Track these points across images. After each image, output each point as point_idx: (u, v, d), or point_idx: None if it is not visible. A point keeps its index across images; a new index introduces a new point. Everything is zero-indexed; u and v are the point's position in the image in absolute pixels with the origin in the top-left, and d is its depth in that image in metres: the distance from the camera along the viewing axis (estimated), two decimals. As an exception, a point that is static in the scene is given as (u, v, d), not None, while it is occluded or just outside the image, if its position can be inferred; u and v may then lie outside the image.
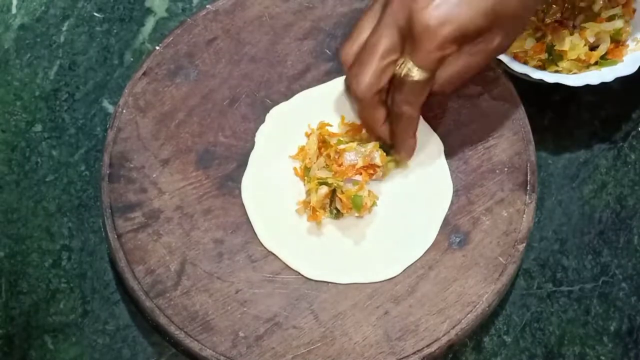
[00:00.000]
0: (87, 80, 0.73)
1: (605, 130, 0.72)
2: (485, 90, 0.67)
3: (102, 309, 0.65)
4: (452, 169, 0.65)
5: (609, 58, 0.70)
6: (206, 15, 0.70)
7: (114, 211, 0.62)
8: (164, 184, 0.64)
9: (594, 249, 0.68)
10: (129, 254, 0.61)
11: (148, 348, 0.64)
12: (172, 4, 0.76)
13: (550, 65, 0.70)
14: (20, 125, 0.71)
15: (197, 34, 0.69)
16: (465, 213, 0.63)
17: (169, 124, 0.66)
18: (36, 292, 0.66)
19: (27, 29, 0.75)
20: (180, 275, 0.61)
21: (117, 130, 0.65)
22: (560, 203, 0.70)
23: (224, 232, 0.63)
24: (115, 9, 0.76)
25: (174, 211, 0.63)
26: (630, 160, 0.71)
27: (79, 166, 0.70)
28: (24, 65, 0.73)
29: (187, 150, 0.65)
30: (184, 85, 0.67)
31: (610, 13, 0.71)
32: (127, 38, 0.75)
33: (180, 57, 0.68)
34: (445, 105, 0.67)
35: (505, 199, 0.64)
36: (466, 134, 0.66)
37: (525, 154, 0.65)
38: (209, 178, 0.64)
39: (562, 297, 0.67)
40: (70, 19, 0.75)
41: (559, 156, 0.71)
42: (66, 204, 0.68)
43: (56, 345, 0.64)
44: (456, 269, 0.61)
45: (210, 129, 0.66)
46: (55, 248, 0.67)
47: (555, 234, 0.69)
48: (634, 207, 0.70)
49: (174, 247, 0.62)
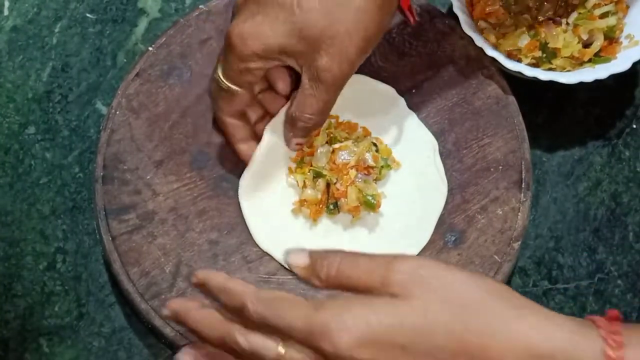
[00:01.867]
0: (80, 81, 0.73)
1: (600, 128, 0.73)
2: (479, 89, 0.67)
3: (97, 311, 0.65)
4: (446, 168, 0.65)
5: (602, 55, 0.70)
6: (199, 16, 0.69)
7: (108, 213, 0.62)
8: (158, 185, 0.64)
9: (589, 246, 0.68)
10: (123, 256, 0.61)
11: (144, 350, 0.64)
12: (165, 4, 0.76)
13: (544, 62, 0.70)
14: (13, 128, 0.71)
15: (190, 35, 0.69)
16: (460, 212, 0.63)
17: (162, 125, 0.66)
18: (31, 295, 0.65)
19: (19, 31, 0.74)
20: (175, 276, 0.61)
21: (111, 132, 0.65)
22: (555, 201, 0.70)
23: (219, 233, 0.62)
24: (107, 10, 0.76)
25: (169, 213, 0.63)
26: (625, 157, 0.71)
27: (72, 168, 0.70)
28: (17, 67, 0.73)
29: (181, 151, 0.65)
30: (177, 86, 0.67)
31: (603, 10, 0.71)
32: (119, 39, 0.75)
33: (173, 58, 0.68)
34: (438, 104, 0.67)
35: (500, 197, 0.64)
36: (460, 133, 0.66)
37: (520, 151, 0.65)
38: (203, 179, 0.64)
39: (558, 294, 0.67)
40: (63, 21, 0.75)
41: (553, 154, 0.71)
42: (60, 206, 0.68)
43: (51, 348, 0.64)
44: (452, 267, 0.61)
45: (204, 129, 0.66)
46: (49, 250, 0.67)
47: (550, 232, 0.69)
48: (628, 204, 0.70)
49: (168, 248, 0.62)
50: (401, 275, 0.44)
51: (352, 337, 0.43)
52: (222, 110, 0.62)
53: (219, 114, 0.63)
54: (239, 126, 0.63)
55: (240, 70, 0.59)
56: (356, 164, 0.61)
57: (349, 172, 0.61)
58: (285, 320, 0.45)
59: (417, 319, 0.43)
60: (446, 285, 0.44)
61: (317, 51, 0.57)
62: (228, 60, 0.59)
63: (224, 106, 0.62)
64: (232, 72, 0.59)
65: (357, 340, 0.43)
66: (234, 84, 0.60)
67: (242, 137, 0.63)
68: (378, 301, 0.44)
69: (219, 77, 0.60)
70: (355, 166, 0.61)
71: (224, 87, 0.60)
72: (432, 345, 0.43)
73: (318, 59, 0.57)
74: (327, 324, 0.43)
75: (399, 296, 0.44)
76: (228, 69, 0.59)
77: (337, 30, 0.56)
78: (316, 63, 0.57)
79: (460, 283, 0.45)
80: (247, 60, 0.58)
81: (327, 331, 0.43)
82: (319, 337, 0.43)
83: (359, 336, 0.43)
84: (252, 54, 0.57)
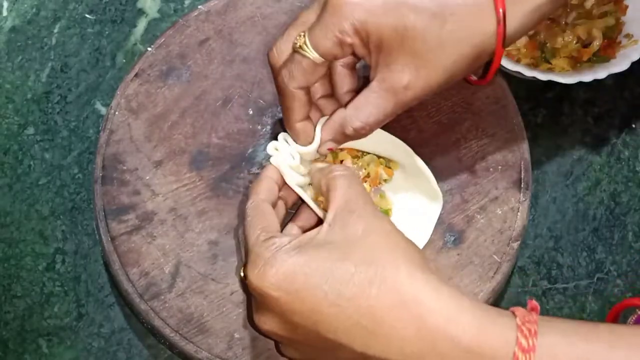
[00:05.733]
0: (79, 82, 0.73)
1: (599, 127, 0.73)
2: (478, 89, 0.67)
3: (96, 312, 0.65)
4: (445, 168, 0.65)
5: (601, 55, 0.70)
6: (198, 16, 0.69)
7: (107, 214, 0.62)
8: (157, 185, 0.64)
9: (588, 246, 0.68)
10: (122, 256, 0.61)
11: (143, 351, 0.64)
12: (164, 4, 0.76)
13: (543, 63, 0.70)
14: (13, 129, 0.71)
15: (189, 35, 0.69)
16: (459, 212, 0.63)
17: (161, 126, 0.66)
18: (30, 295, 0.65)
19: (18, 32, 0.74)
20: (174, 277, 0.61)
21: (110, 133, 0.65)
22: (554, 200, 0.70)
23: (219, 234, 0.62)
24: (106, 10, 0.76)
25: (168, 213, 0.63)
26: (624, 157, 0.71)
27: (71, 169, 0.70)
28: (16, 68, 0.73)
29: (180, 151, 0.65)
30: (176, 87, 0.67)
31: (602, 10, 0.71)
32: (119, 39, 0.75)
33: (172, 58, 0.68)
34: (438, 104, 0.67)
35: (500, 197, 0.64)
36: (460, 133, 0.66)
37: (519, 151, 0.65)
38: (202, 179, 0.64)
39: (558, 294, 0.67)
40: (62, 21, 0.75)
41: (552, 153, 0.71)
42: (59, 206, 0.68)
43: (51, 349, 0.64)
44: (451, 267, 0.61)
45: (204, 130, 0.66)
46: (49, 251, 0.67)
47: (549, 232, 0.69)
48: (627, 204, 0.70)
49: (168, 249, 0.62)
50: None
51: (263, 275, 0.50)
52: (295, 81, 0.56)
53: (291, 83, 0.56)
54: (303, 102, 0.58)
55: (335, 40, 0.54)
56: (371, 181, 0.61)
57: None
58: (246, 230, 0.55)
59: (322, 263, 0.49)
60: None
61: (408, 65, 0.53)
62: (325, 26, 0.53)
63: (300, 76, 0.56)
64: (325, 39, 0.54)
65: (267, 279, 0.50)
66: (320, 53, 0.55)
67: (302, 114, 0.59)
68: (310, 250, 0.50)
69: (305, 44, 0.54)
70: (370, 182, 0.61)
71: (309, 55, 0.54)
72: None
73: (405, 73, 0.54)
74: (257, 255, 0.51)
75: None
76: (321, 35, 0.54)
77: (438, 59, 0.53)
78: (401, 76, 0.54)
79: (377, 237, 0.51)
80: (346, 33, 0.53)
81: (252, 260, 0.51)
82: (249, 264, 0.52)
83: (270, 276, 0.50)
84: (354, 29, 0.53)
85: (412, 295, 0.47)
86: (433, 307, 0.46)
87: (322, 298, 0.48)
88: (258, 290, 0.50)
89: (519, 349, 0.44)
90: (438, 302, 0.47)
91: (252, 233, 0.54)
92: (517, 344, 0.45)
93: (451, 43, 0.53)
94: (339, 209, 0.52)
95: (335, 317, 0.48)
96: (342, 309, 0.48)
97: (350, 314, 0.47)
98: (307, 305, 0.48)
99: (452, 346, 0.46)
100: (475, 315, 0.46)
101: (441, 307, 0.47)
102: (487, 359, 0.45)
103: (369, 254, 0.49)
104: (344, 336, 0.48)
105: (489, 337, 0.45)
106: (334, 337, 0.48)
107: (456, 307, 0.47)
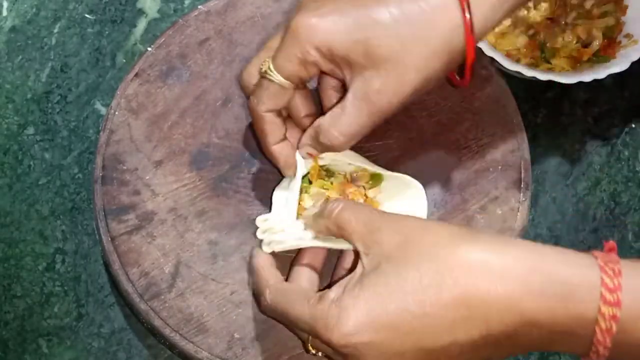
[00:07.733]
0: (79, 82, 0.73)
1: (599, 127, 0.73)
2: (478, 89, 0.67)
3: (96, 312, 0.65)
4: (445, 168, 0.65)
5: (601, 55, 0.70)
6: (198, 16, 0.70)
7: (107, 213, 0.62)
8: (157, 185, 0.64)
9: (588, 246, 0.68)
10: (122, 256, 0.61)
11: (143, 351, 0.64)
12: (164, 4, 0.76)
13: (543, 63, 0.70)
14: (12, 128, 0.71)
15: (189, 35, 0.69)
16: (459, 211, 0.63)
17: (161, 126, 0.66)
18: (30, 295, 0.65)
19: (18, 32, 0.74)
20: (174, 277, 0.61)
21: (110, 132, 0.65)
22: (554, 200, 0.70)
23: (219, 234, 0.62)
24: (106, 10, 0.76)
25: (168, 213, 0.63)
26: (624, 157, 0.71)
27: (71, 169, 0.70)
28: (16, 68, 0.73)
29: (180, 151, 0.65)
30: (176, 87, 0.67)
31: (602, 10, 0.71)
32: (119, 39, 0.75)
33: (172, 58, 0.68)
34: (438, 104, 0.67)
35: (500, 197, 0.64)
36: (459, 133, 0.66)
37: (519, 151, 0.65)
38: (202, 179, 0.64)
39: (557, 294, 0.67)
40: (62, 21, 0.75)
41: (552, 153, 0.71)
42: (59, 206, 0.68)
43: (51, 349, 0.64)
44: (451, 267, 0.61)
45: (204, 130, 0.66)
46: (48, 251, 0.67)
47: (549, 231, 0.69)
48: (627, 204, 0.70)
49: (168, 249, 0.62)
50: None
51: (345, 329, 0.48)
52: (264, 104, 0.57)
53: (259, 107, 0.58)
54: (277, 125, 0.59)
55: (297, 62, 0.55)
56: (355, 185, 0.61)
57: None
58: (291, 314, 0.52)
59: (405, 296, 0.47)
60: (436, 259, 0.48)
61: (377, 71, 0.53)
62: (286, 50, 0.55)
63: (267, 100, 0.57)
64: (288, 63, 0.55)
65: (351, 330, 0.47)
66: (285, 77, 0.56)
67: (277, 137, 0.59)
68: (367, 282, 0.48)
69: (269, 69, 0.56)
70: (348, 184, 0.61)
71: (274, 80, 0.56)
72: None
73: (375, 79, 0.54)
74: (325, 318, 0.49)
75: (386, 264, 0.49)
76: (283, 59, 0.55)
77: (405, 61, 0.53)
78: (371, 83, 0.54)
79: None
80: (308, 53, 0.54)
81: (324, 325, 0.48)
82: (322, 331, 0.49)
83: (352, 326, 0.47)
84: (315, 49, 0.54)
85: (483, 266, 0.46)
86: (509, 265, 0.46)
87: (408, 316, 0.47)
88: (348, 346, 0.48)
89: (606, 289, 0.44)
90: (512, 260, 0.46)
91: (297, 310, 0.51)
92: (602, 284, 0.44)
93: (418, 42, 0.53)
94: (364, 235, 0.51)
95: (431, 326, 0.47)
96: (432, 315, 0.46)
97: (442, 314, 0.46)
98: (401, 331, 0.47)
99: (548, 283, 0.45)
100: (558, 259, 0.46)
101: (515, 263, 0.46)
102: (576, 295, 0.45)
103: (419, 253, 0.48)
104: (448, 337, 0.47)
105: (575, 277, 0.45)
106: (441, 343, 0.47)
107: (533, 256, 0.46)
